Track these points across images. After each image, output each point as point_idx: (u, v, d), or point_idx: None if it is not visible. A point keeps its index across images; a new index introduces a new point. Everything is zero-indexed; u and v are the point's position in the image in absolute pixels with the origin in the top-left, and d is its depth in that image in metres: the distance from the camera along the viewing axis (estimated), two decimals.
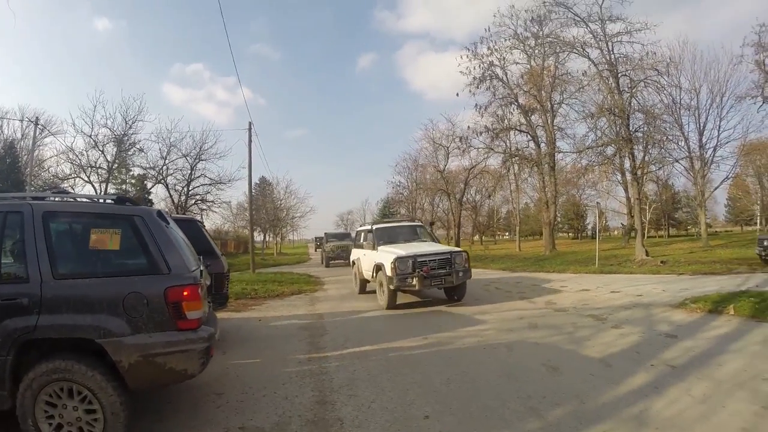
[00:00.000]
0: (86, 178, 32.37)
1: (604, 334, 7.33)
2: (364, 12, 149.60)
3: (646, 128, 22.80)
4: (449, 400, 4.80)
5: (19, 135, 38.33)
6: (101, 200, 4.63)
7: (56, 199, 4.46)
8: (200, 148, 34.89)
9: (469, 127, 31.47)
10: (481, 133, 30.79)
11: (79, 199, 4.76)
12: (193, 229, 6.43)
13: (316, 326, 9.05)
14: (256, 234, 38.80)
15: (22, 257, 3.79)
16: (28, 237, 3.80)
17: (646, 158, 26.64)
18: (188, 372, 3.88)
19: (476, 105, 29.95)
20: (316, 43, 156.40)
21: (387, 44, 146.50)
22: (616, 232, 65.47)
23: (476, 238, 69.09)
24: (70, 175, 32.65)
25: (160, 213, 4.28)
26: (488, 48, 30.29)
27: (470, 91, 30.38)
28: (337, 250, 30.27)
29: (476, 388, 5.13)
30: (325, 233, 34.87)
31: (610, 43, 22.06)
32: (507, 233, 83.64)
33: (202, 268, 4.50)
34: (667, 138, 24.46)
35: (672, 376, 5.17)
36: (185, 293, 3.80)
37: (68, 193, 4.93)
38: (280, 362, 6.41)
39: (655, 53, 21.57)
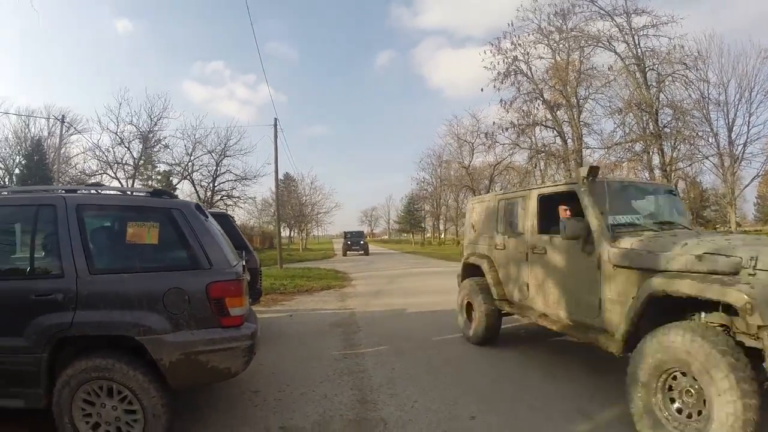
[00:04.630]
0: (113, 175, 32.82)
1: None
2: (381, 9, 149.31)
3: (674, 124, 22.30)
4: (493, 400, 4.64)
5: (45, 133, 39.15)
6: (136, 193, 4.53)
7: (89, 192, 4.36)
8: (225, 145, 35.04)
9: (494, 122, 31.04)
10: (506, 129, 30.37)
11: (112, 192, 4.65)
12: (226, 224, 6.30)
13: (348, 322, 8.91)
14: (281, 230, 38.87)
15: (56, 252, 3.68)
16: (62, 231, 3.69)
17: (675, 155, 26.03)
18: (231, 370, 3.74)
19: (501, 100, 29.43)
20: (335, 41, 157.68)
21: (404, 41, 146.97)
22: None
23: None
24: (97, 171, 33.11)
25: (198, 206, 4.15)
26: (512, 43, 29.64)
27: (494, 87, 29.75)
28: None
29: (521, 387, 4.98)
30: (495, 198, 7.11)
31: (636, 37, 21.64)
32: None
33: (243, 263, 4.37)
34: (696, 134, 23.80)
35: None
36: (228, 289, 3.66)
37: (101, 185, 4.84)
38: (315, 359, 6.27)
39: (682, 47, 21.10)
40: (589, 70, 27.67)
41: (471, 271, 7.24)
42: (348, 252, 41.68)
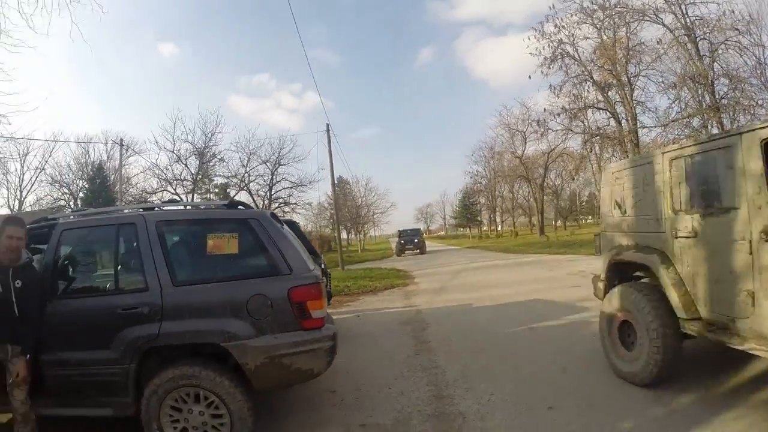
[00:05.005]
0: (173, 191, 34.02)
1: None
2: (417, 5, 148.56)
3: (732, 94, 21.04)
4: (568, 389, 4.60)
5: (105, 157, 41.73)
6: (212, 206, 4.69)
7: (167, 208, 4.56)
8: (279, 154, 35.85)
9: (545, 109, 30.23)
10: (558, 115, 29.54)
11: (189, 207, 4.84)
12: (294, 230, 6.45)
13: (416, 320, 8.93)
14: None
15: (139, 267, 3.87)
16: (143, 247, 3.88)
17: (735, 127, 24.61)
18: (315, 371, 3.84)
19: (550, 86, 28.58)
20: (376, 42, 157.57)
21: (444, 35, 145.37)
22: None
23: (559, 223, 66.84)
24: (158, 189, 34.54)
25: (273, 214, 4.29)
26: (555, 26, 28.72)
27: (542, 72, 28.92)
28: None
29: (593, 374, 4.93)
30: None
31: (683, 6, 20.54)
32: (590, 217, 79.77)
33: (322, 266, 4.46)
34: (756, 103, 22.40)
35: None
36: (309, 293, 3.75)
37: (178, 201, 5.05)
38: (387, 357, 6.34)
39: (732, 11, 19.84)
40: (637, 45, 26.44)
41: (624, 272, 5.12)
42: (403, 252, 37.02)
